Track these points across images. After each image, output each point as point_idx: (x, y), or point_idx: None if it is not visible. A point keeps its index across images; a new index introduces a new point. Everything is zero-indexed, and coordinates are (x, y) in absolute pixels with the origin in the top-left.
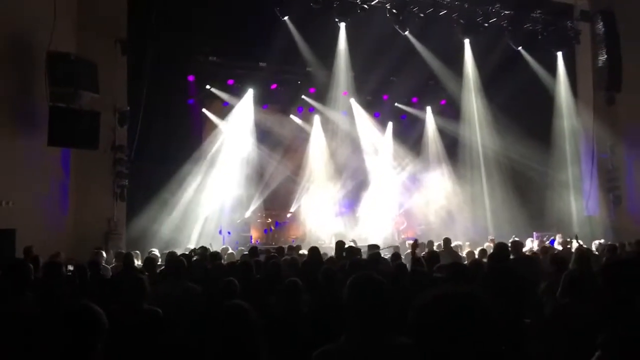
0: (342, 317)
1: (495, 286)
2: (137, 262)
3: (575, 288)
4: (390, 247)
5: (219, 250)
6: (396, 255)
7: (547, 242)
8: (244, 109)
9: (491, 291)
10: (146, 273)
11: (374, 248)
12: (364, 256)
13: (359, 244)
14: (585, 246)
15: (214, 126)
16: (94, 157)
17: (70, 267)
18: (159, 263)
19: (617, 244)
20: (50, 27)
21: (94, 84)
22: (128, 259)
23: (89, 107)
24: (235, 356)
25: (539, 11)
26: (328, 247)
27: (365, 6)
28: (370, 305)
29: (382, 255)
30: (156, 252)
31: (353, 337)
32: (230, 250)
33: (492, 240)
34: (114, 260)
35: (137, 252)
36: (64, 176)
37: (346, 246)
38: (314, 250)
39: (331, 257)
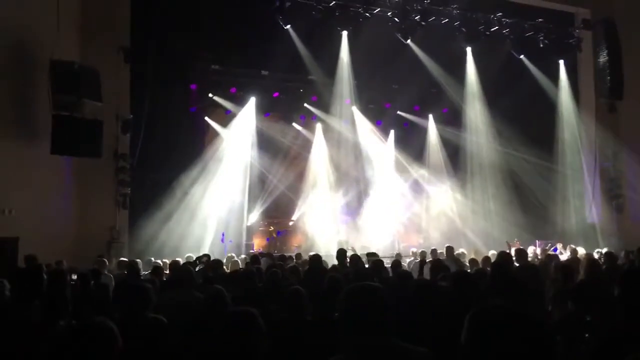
0: (342, 327)
1: (500, 294)
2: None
3: (585, 296)
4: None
5: (223, 258)
6: (397, 263)
7: (550, 250)
8: (246, 117)
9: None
10: (155, 280)
11: (372, 256)
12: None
13: (360, 252)
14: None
15: (216, 134)
16: (97, 166)
17: (74, 276)
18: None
19: (624, 252)
20: (53, 36)
21: (97, 93)
22: (133, 267)
23: (92, 115)
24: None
25: (540, 19)
26: (328, 256)
27: (367, 15)
28: (371, 313)
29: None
30: (158, 261)
31: (357, 347)
32: (234, 259)
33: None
34: (116, 268)
35: (138, 260)
36: (67, 184)
37: (348, 254)
38: (315, 258)
39: (334, 266)
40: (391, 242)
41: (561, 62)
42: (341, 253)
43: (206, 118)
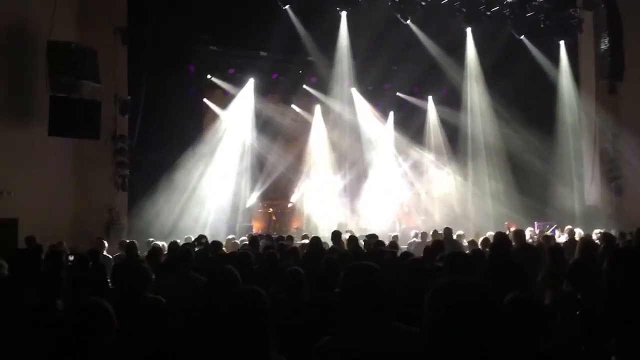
0: (340, 307)
1: (497, 276)
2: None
3: (578, 277)
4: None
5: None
6: (393, 245)
7: (548, 231)
8: (245, 98)
9: (493, 281)
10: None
11: (372, 238)
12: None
13: (360, 234)
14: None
15: (215, 116)
16: (95, 147)
17: (72, 257)
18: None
19: (619, 233)
20: (50, 16)
21: (94, 74)
22: (131, 248)
23: (90, 96)
24: (246, 339)
25: None
26: (327, 238)
27: None
28: (366, 294)
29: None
30: (158, 242)
31: (352, 328)
32: (234, 240)
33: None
34: (117, 249)
35: (135, 241)
36: (65, 166)
37: (345, 236)
38: (315, 240)
39: (332, 247)
40: (391, 223)
41: (562, 42)
42: (336, 234)
43: (205, 100)
